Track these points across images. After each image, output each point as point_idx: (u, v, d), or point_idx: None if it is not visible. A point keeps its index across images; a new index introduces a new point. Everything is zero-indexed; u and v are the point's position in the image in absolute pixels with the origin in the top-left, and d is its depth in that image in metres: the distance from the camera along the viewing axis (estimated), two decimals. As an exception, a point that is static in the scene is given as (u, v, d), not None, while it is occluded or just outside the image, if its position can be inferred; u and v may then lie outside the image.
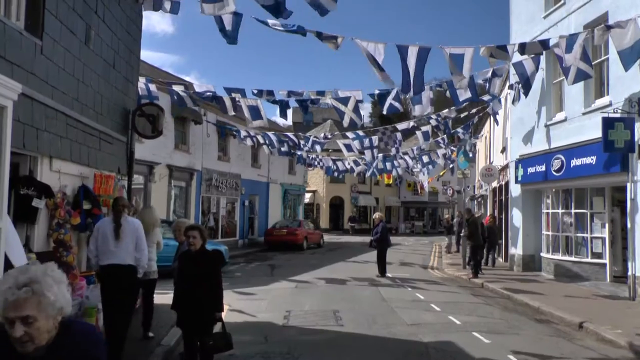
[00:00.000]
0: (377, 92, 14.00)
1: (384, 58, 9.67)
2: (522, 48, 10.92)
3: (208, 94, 14.03)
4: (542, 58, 12.90)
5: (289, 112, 15.08)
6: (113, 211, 7.03)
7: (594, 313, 10.32)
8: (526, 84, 12.07)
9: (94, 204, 8.15)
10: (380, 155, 22.28)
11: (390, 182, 33.55)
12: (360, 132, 19.88)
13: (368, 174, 27.89)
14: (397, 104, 13.80)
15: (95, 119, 8.36)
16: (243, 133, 20.45)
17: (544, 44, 10.99)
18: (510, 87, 16.81)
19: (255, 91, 14.52)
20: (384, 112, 14.55)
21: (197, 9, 8.85)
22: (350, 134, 19.86)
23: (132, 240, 6.83)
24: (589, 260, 14.85)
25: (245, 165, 30.28)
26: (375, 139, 19.48)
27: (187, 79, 42.69)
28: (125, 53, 9.70)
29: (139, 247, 6.88)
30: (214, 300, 6.02)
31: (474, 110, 20.69)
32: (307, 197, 46.02)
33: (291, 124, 60.08)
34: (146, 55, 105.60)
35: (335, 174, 27.83)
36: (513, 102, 16.64)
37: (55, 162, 7.23)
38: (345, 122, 13.70)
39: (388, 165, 25.03)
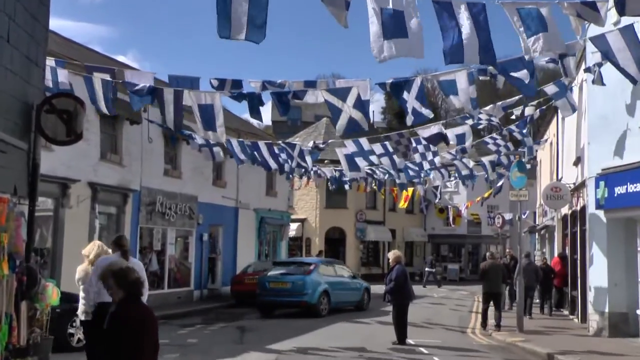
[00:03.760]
0: (390, 81, 13.74)
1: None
2: (622, 5, 10.71)
3: (143, 86, 13.71)
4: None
5: (267, 109, 14.83)
6: (120, 250, 10.05)
7: None
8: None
9: (-25, 241, 7.90)
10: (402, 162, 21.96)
11: (405, 204, 33.56)
12: (366, 145, 19.61)
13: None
14: (425, 111, 13.53)
15: (-21, 117, 8.12)
16: (200, 140, 20.02)
17: None
18: (587, 70, 16.69)
19: (216, 82, 14.16)
20: (408, 123, 14.34)
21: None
22: (350, 143, 19.53)
23: None
24: None
25: (204, 183, 30.08)
26: (388, 144, 19.27)
27: (121, 59, 42.74)
28: (27, 21, 9.46)
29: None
30: None
31: (533, 103, 20.51)
32: (293, 228, 45.92)
33: (270, 123, 60.24)
34: (63, 25, 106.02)
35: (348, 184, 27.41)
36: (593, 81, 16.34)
37: None
38: (340, 127, 13.41)
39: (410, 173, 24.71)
